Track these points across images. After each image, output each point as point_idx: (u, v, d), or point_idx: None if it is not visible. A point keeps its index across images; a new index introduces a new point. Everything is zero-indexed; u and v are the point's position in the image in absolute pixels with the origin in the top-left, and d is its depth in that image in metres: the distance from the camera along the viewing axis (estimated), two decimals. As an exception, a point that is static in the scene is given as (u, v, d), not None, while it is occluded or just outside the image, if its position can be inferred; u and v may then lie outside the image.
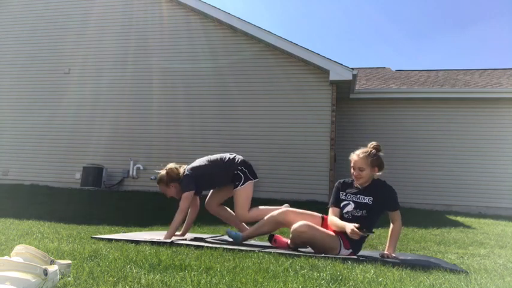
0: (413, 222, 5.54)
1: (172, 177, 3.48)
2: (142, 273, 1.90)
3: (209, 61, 8.98)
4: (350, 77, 8.03)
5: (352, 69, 8.08)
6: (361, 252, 3.00)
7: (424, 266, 2.45)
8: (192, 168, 3.47)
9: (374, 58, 38.24)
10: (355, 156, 2.93)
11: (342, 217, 2.92)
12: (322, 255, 2.70)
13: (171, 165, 3.55)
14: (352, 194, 2.95)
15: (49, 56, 9.85)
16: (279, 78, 8.60)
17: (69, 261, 1.90)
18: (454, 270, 2.37)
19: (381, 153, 2.97)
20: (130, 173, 8.76)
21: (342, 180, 3.08)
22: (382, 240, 4.05)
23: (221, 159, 3.50)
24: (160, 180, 3.52)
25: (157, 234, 3.52)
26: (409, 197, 8.90)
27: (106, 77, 9.45)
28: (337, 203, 2.98)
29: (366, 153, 2.91)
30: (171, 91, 9.06)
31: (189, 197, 3.37)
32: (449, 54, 33.38)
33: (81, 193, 7.81)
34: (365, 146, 3.00)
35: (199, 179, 3.44)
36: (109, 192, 8.12)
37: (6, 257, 1.62)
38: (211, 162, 3.50)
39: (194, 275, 1.88)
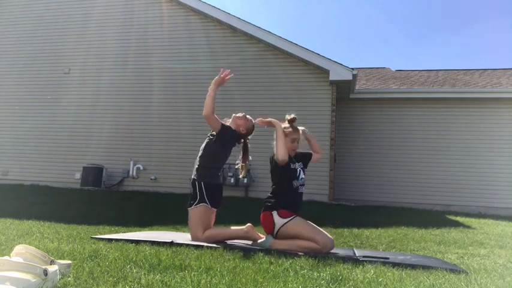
0: (413, 222, 5.54)
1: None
2: (142, 273, 1.90)
3: (209, 61, 8.98)
4: (350, 77, 8.03)
5: (352, 69, 8.08)
6: (360, 252, 3.00)
7: (424, 266, 2.45)
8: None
9: (374, 58, 38.25)
10: (300, 131, 3.28)
11: (296, 188, 3.12)
12: (323, 253, 2.70)
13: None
14: (295, 162, 3.22)
15: (50, 56, 9.85)
16: (279, 78, 8.61)
17: (69, 261, 1.90)
18: (454, 270, 2.37)
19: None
20: (131, 173, 8.76)
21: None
22: (382, 240, 4.06)
23: (215, 155, 3.32)
24: None
25: (158, 234, 3.52)
26: (409, 197, 8.91)
27: (106, 77, 9.45)
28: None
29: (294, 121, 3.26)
30: (171, 91, 9.06)
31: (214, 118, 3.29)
32: (449, 54, 33.40)
33: (81, 193, 7.81)
34: (284, 118, 3.31)
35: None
36: (109, 192, 8.12)
37: (6, 257, 1.62)
38: (214, 147, 3.32)
39: (194, 275, 1.88)
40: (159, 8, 9.54)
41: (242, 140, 3.53)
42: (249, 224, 3.19)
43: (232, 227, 3.27)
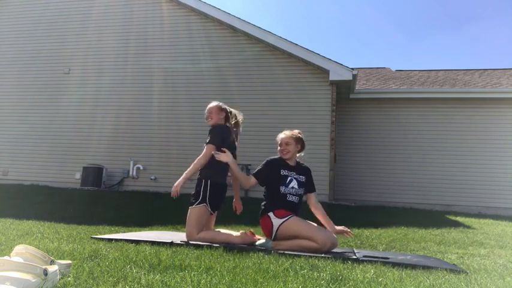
0: (413, 222, 5.54)
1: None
2: (142, 273, 1.90)
3: (209, 61, 8.99)
4: (350, 77, 8.03)
5: (352, 69, 8.08)
6: (360, 252, 3.00)
7: (424, 266, 2.45)
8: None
9: (374, 58, 38.22)
10: (282, 134, 3.25)
11: (284, 195, 3.07)
12: (323, 255, 2.70)
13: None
14: (290, 170, 3.16)
15: (49, 56, 9.85)
16: (279, 78, 8.61)
17: (69, 261, 1.90)
18: (454, 270, 2.37)
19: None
20: (131, 173, 8.76)
21: (271, 158, 3.24)
22: (382, 240, 4.06)
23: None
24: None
25: (158, 234, 3.52)
26: (409, 197, 8.91)
27: (106, 77, 9.45)
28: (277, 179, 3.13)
29: (292, 132, 3.25)
30: (172, 91, 9.06)
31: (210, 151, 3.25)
32: (449, 54, 33.39)
33: (81, 193, 7.81)
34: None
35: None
36: (109, 192, 8.12)
37: (6, 257, 1.62)
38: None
39: (194, 275, 1.88)
40: (159, 8, 9.54)
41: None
42: (242, 231, 3.17)
43: (228, 232, 3.20)
